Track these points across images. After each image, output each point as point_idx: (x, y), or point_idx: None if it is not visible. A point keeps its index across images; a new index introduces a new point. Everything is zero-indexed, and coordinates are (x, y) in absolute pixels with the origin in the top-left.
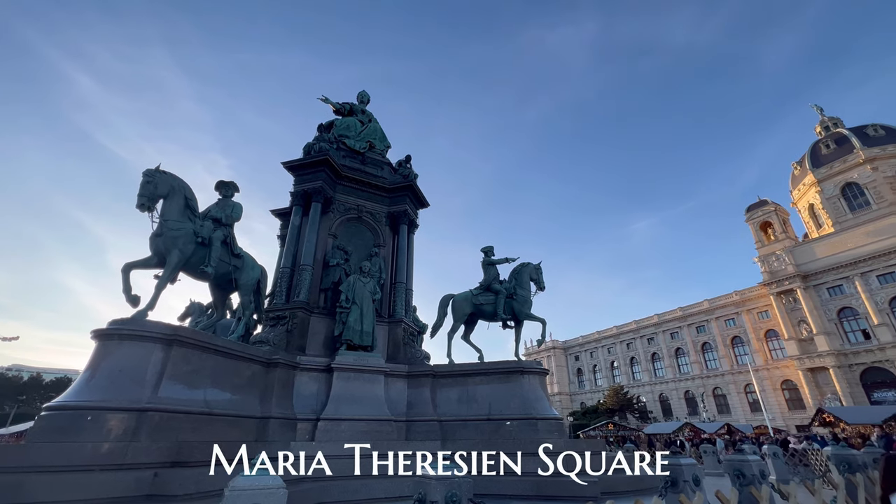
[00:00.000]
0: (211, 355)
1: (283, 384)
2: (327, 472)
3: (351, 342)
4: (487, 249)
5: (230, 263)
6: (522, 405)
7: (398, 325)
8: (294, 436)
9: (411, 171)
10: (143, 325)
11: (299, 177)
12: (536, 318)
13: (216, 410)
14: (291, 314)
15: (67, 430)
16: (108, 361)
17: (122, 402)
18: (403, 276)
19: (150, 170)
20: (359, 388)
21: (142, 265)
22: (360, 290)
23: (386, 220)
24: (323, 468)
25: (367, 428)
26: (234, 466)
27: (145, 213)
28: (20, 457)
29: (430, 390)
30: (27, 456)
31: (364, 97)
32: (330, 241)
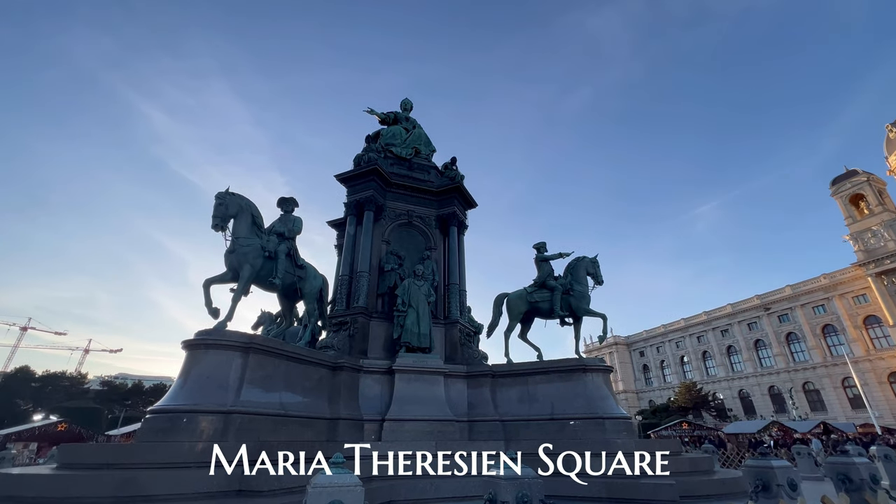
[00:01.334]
0: (283, 361)
1: (348, 386)
2: (396, 472)
3: (409, 344)
4: (540, 245)
5: (295, 274)
6: (587, 404)
7: (454, 327)
8: (362, 436)
9: (457, 173)
10: (223, 334)
11: (351, 187)
12: (596, 313)
13: (291, 412)
14: (352, 319)
15: (167, 430)
16: (197, 368)
17: (211, 406)
18: (456, 278)
19: (220, 193)
20: (420, 389)
21: (219, 280)
22: (415, 293)
23: (436, 223)
24: (390, 467)
25: (431, 428)
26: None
27: (219, 233)
28: (132, 454)
29: (490, 390)
30: (136, 454)
31: (407, 105)
32: (383, 248)
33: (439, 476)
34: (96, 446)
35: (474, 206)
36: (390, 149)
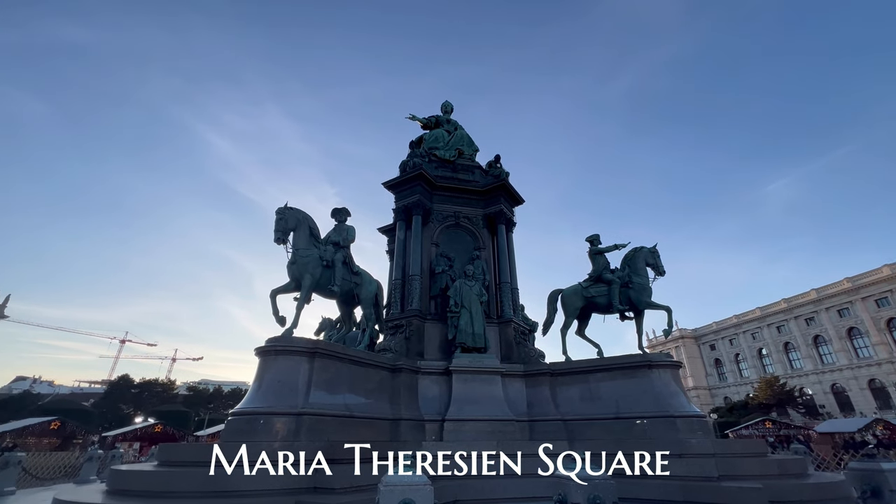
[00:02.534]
0: (345, 364)
1: (408, 388)
2: (460, 472)
3: (465, 345)
4: (593, 238)
5: (351, 281)
6: (655, 402)
7: (508, 325)
8: (423, 436)
9: (502, 171)
10: (291, 341)
11: (398, 193)
12: (659, 305)
13: (355, 413)
14: (407, 322)
15: (247, 431)
16: (269, 373)
17: (284, 408)
18: (507, 276)
19: (280, 208)
20: (478, 389)
21: (283, 290)
22: (467, 294)
23: (483, 223)
24: (454, 467)
25: (491, 428)
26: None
27: (281, 246)
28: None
29: (550, 389)
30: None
31: (447, 107)
32: (433, 250)
33: (504, 476)
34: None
35: (521, 202)
36: (434, 152)
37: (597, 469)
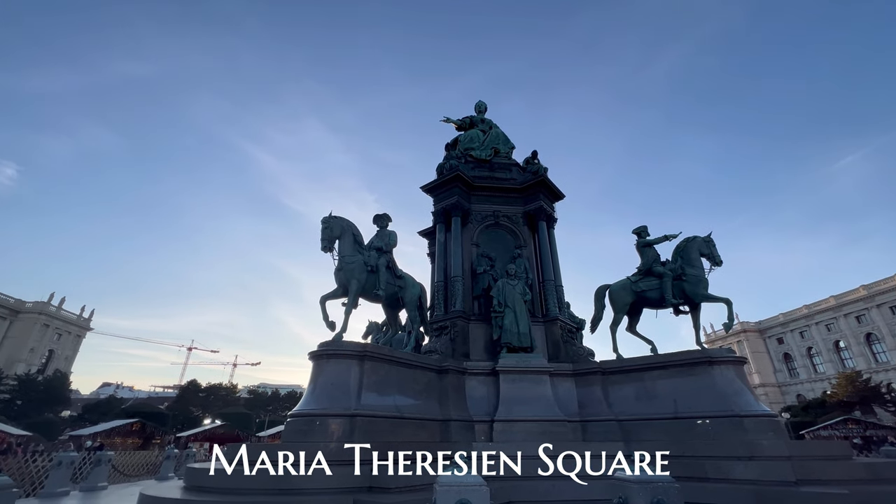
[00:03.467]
0: (393, 366)
1: (455, 388)
2: (513, 472)
3: (510, 345)
4: (640, 230)
5: (395, 284)
6: (718, 400)
7: (554, 324)
8: (473, 436)
9: (540, 166)
10: (341, 345)
11: (437, 196)
12: (717, 298)
13: (405, 414)
14: (451, 323)
15: (305, 432)
16: (323, 376)
17: (338, 409)
18: (550, 274)
19: (325, 217)
20: (526, 389)
21: (331, 296)
22: (511, 293)
23: (523, 221)
24: (506, 468)
25: (542, 429)
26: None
27: (327, 253)
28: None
29: (602, 389)
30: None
31: (481, 107)
32: (474, 251)
33: (557, 477)
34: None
35: (561, 197)
36: (470, 153)
37: (658, 471)
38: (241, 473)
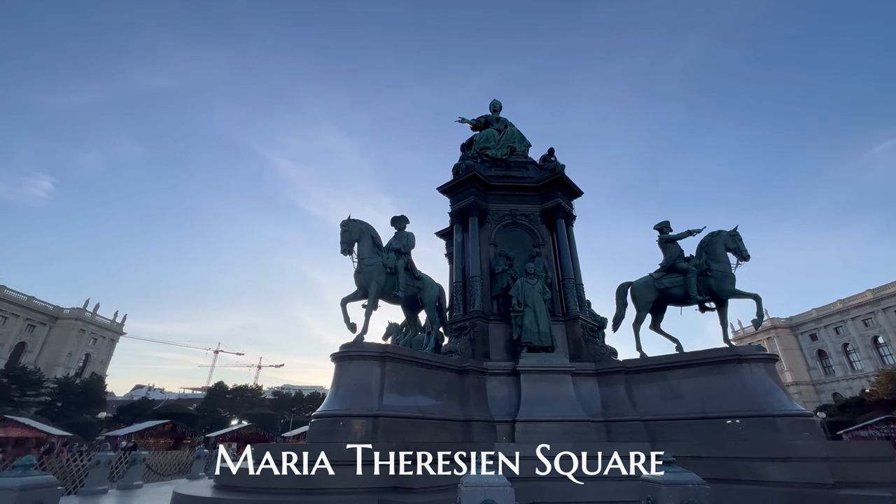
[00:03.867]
0: (414, 367)
1: (476, 389)
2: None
3: (530, 344)
4: (662, 225)
5: (414, 286)
6: (748, 400)
7: (575, 323)
8: (495, 437)
9: (557, 164)
10: (363, 346)
11: (453, 197)
12: (745, 294)
13: (427, 415)
14: (471, 324)
15: (329, 432)
16: (345, 377)
17: (361, 410)
18: (570, 272)
19: (344, 221)
20: (547, 389)
21: (352, 298)
22: (530, 292)
23: (541, 219)
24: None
25: (565, 429)
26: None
27: (347, 256)
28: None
29: (625, 388)
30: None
31: (496, 105)
32: (491, 250)
33: (581, 477)
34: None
35: (580, 194)
36: (485, 152)
37: (692, 473)
38: (268, 473)
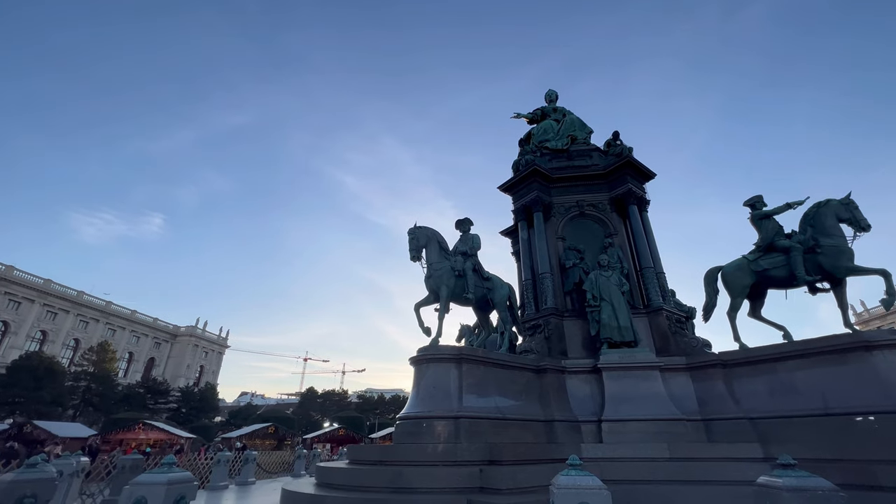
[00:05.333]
0: (490, 368)
1: (555, 388)
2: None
3: (611, 340)
4: (754, 200)
5: (483, 287)
6: (883, 393)
7: (658, 314)
8: (580, 437)
9: (623, 147)
10: (439, 349)
11: (515, 194)
12: (868, 269)
13: (507, 415)
14: (544, 322)
15: (413, 433)
16: (425, 380)
17: (442, 412)
18: (649, 260)
19: (411, 229)
20: (633, 386)
21: (424, 303)
22: (605, 285)
23: (611, 207)
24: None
25: (657, 429)
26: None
27: (416, 263)
28: (395, 453)
29: (724, 383)
30: (398, 453)
31: (551, 95)
32: (560, 245)
33: (679, 481)
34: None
35: (652, 176)
36: (545, 145)
37: (821, 478)
38: (363, 472)
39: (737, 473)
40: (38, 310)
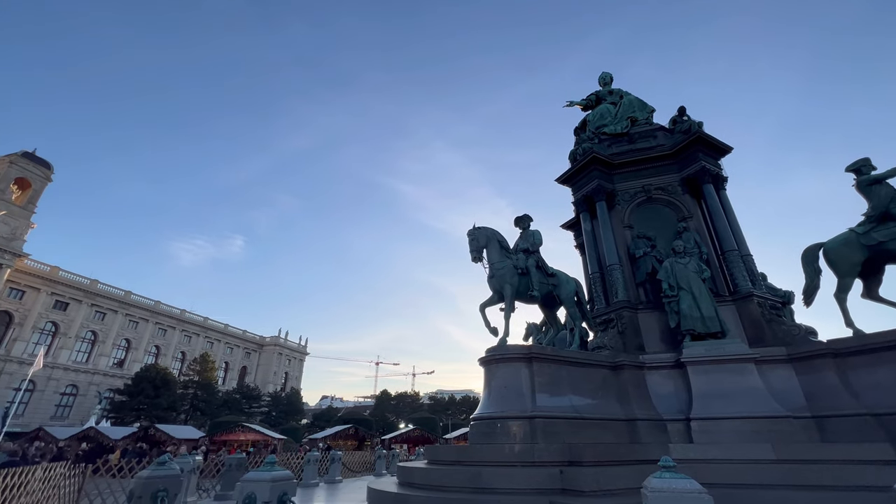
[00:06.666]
0: (562, 366)
1: (635, 385)
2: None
3: (693, 331)
4: (860, 165)
5: (548, 283)
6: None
7: (748, 301)
8: (667, 437)
9: (692, 123)
10: (507, 348)
11: (574, 185)
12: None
13: (584, 415)
14: (617, 316)
15: (488, 434)
16: (495, 380)
17: (515, 412)
18: (732, 242)
19: (470, 230)
20: (724, 381)
21: (489, 303)
22: (682, 273)
23: (682, 189)
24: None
25: (756, 427)
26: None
27: (477, 264)
28: (471, 454)
29: (837, 375)
30: (474, 454)
31: (606, 78)
32: (627, 234)
33: (788, 486)
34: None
35: (728, 150)
36: (603, 130)
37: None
38: (443, 472)
39: (860, 477)
40: (152, 328)
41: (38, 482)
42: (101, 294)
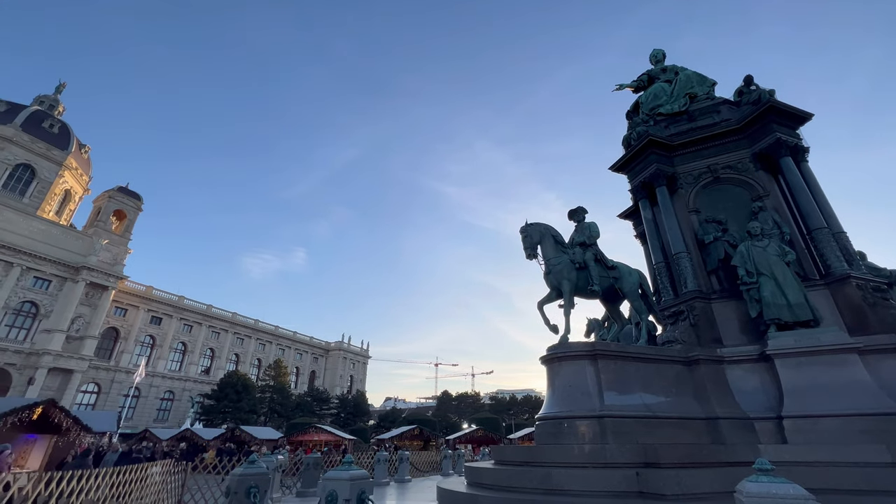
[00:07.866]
0: (630, 362)
1: (713, 381)
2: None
3: (779, 320)
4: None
5: (609, 276)
6: None
7: (845, 284)
8: (755, 437)
9: (761, 92)
10: (570, 346)
11: (630, 171)
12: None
13: (658, 414)
14: (688, 307)
15: (555, 434)
16: (559, 379)
17: (583, 411)
18: (820, 220)
19: (522, 227)
20: (821, 374)
21: (547, 300)
22: (761, 257)
23: (755, 165)
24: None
25: (864, 426)
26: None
27: (532, 261)
28: (540, 455)
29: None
30: (542, 454)
31: (657, 55)
32: (693, 218)
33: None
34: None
35: (808, 118)
36: (658, 111)
37: None
38: (511, 473)
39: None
40: (231, 337)
41: (156, 476)
42: (187, 308)
